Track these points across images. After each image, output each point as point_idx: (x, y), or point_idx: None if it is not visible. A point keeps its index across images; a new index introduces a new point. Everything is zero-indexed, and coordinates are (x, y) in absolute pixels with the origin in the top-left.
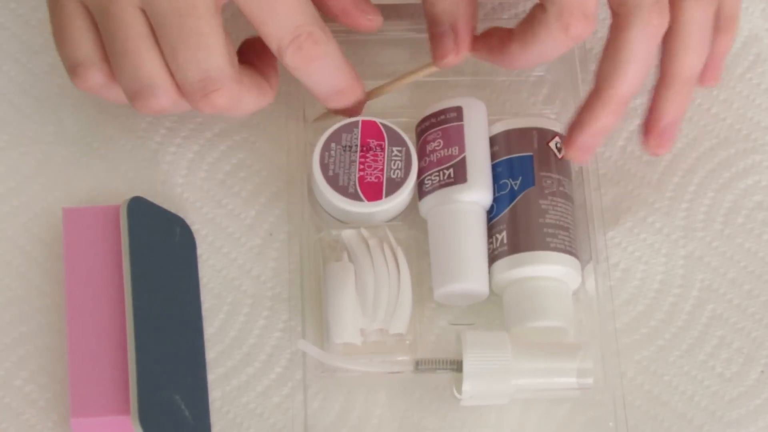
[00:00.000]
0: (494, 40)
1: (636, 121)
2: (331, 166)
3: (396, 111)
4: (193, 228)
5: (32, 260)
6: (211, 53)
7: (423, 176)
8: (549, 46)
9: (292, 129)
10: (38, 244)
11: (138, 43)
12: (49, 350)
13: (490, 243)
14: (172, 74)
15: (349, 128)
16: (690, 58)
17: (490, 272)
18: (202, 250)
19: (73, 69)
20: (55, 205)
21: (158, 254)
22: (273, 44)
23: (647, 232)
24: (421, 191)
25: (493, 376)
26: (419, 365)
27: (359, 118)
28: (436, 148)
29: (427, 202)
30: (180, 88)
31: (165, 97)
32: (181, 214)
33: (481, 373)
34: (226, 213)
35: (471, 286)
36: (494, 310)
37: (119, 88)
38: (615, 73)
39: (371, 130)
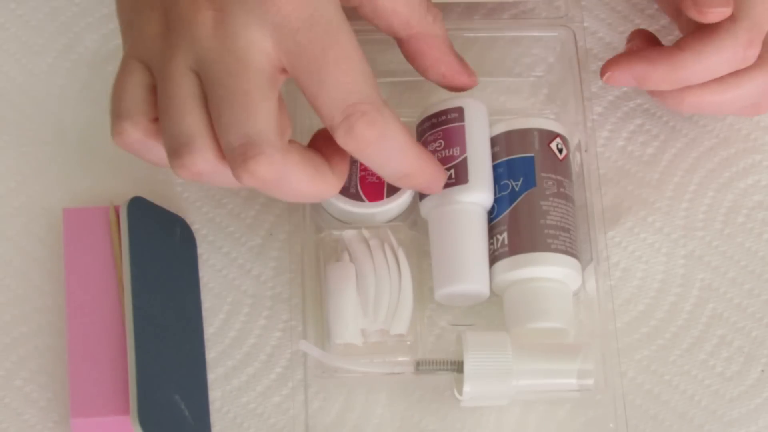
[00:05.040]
0: (651, 53)
1: (636, 121)
2: None
3: (397, 111)
4: (193, 228)
5: (32, 260)
6: (255, 116)
7: None
8: (724, 59)
9: (293, 128)
10: (38, 244)
11: (184, 100)
12: (49, 350)
13: (490, 244)
14: (215, 137)
15: None
16: None
17: (490, 273)
18: (202, 250)
19: (112, 122)
20: (55, 205)
21: (158, 254)
22: (325, 122)
23: (647, 232)
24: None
25: (493, 377)
26: (420, 366)
27: None
28: (437, 148)
29: (428, 203)
30: (222, 152)
31: (202, 157)
32: (181, 214)
33: (481, 374)
34: (226, 212)
35: (472, 287)
36: (494, 310)
37: (158, 148)
38: None
39: None
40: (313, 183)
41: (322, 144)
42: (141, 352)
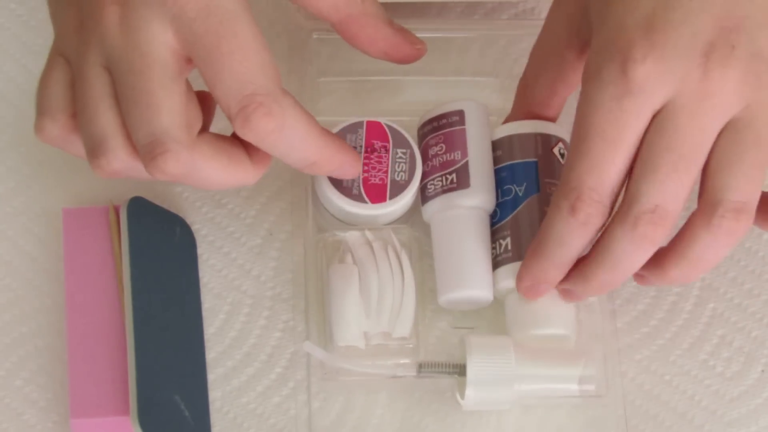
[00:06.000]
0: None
1: None
2: None
3: (398, 110)
4: (193, 228)
5: (32, 260)
6: (159, 114)
7: (426, 181)
8: (563, 236)
9: None
10: (38, 244)
11: (97, 100)
12: (49, 350)
13: (493, 248)
14: (128, 135)
15: (353, 129)
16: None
17: (493, 278)
18: (202, 250)
19: (35, 118)
20: (55, 205)
21: (158, 254)
22: (224, 112)
23: None
24: (423, 196)
25: (496, 381)
26: (422, 368)
27: (364, 119)
28: (438, 152)
29: (430, 207)
30: (136, 149)
31: (116, 157)
32: (181, 214)
33: (484, 378)
34: (226, 212)
35: (476, 293)
36: (497, 313)
37: (80, 142)
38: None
39: (376, 131)
40: (228, 173)
41: None
42: (141, 352)
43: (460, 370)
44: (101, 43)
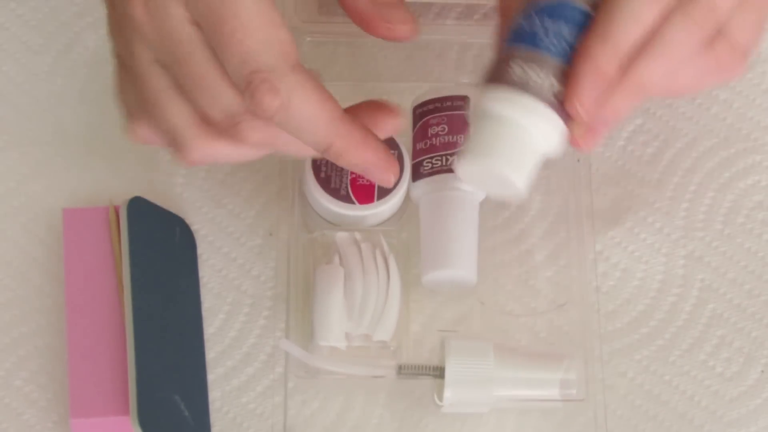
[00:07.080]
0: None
1: (636, 121)
2: (324, 168)
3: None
4: (193, 228)
5: (32, 260)
6: (224, 92)
7: (422, 158)
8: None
9: None
10: (38, 244)
11: (158, 97)
12: (49, 350)
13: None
14: (200, 122)
15: None
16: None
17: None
18: (202, 250)
19: (126, 122)
20: (55, 205)
21: (158, 254)
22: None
23: (647, 232)
24: (418, 173)
25: (474, 384)
26: (402, 370)
27: None
28: (440, 132)
29: (425, 185)
30: (213, 129)
31: (193, 147)
32: (181, 214)
33: (463, 380)
34: (226, 213)
35: (461, 273)
36: (481, 318)
37: None
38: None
39: None
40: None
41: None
42: (141, 352)
43: (440, 372)
44: (140, 39)
